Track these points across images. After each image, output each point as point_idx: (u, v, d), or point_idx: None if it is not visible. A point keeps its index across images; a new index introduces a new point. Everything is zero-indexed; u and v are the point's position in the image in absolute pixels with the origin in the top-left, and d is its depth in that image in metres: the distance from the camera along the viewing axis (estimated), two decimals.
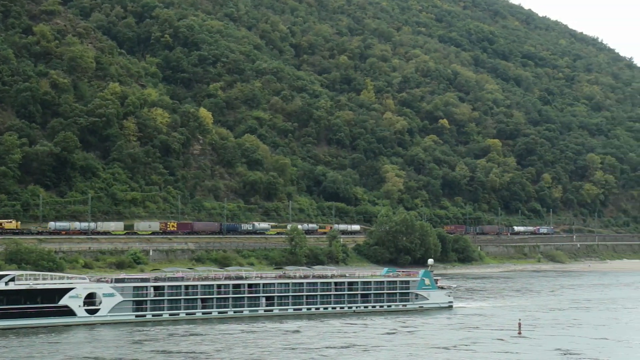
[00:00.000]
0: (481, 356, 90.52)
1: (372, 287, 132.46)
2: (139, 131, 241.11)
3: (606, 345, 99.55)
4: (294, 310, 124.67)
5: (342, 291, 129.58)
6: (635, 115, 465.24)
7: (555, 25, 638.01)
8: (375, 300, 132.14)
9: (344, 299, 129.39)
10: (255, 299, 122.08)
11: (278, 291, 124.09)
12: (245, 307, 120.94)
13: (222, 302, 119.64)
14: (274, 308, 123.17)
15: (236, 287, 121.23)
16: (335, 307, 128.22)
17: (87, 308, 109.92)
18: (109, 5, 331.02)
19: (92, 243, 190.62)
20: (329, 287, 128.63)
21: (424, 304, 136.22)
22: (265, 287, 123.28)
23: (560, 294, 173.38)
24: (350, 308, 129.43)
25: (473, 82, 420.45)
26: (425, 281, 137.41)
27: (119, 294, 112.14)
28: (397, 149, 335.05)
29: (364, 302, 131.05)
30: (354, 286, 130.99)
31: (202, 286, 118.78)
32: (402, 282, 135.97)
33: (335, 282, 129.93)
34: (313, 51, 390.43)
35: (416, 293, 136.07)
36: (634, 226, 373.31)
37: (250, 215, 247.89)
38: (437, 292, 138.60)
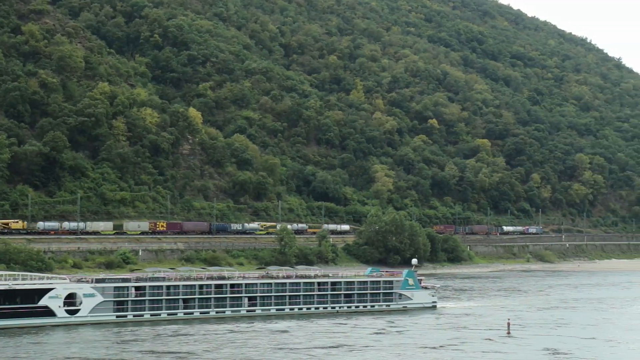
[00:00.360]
0: (470, 356, 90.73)
1: (355, 287, 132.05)
2: (128, 131, 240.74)
3: (595, 345, 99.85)
4: (277, 310, 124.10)
5: (325, 291, 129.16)
6: (623, 116, 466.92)
7: (544, 25, 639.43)
8: (359, 301, 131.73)
9: (327, 299, 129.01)
10: (237, 299, 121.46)
11: (261, 291, 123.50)
12: (228, 307, 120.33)
13: (204, 303, 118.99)
14: (257, 308, 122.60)
15: (218, 287, 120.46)
16: (318, 307, 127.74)
17: (67, 308, 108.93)
18: (98, 5, 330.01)
19: (81, 243, 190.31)
20: (311, 287, 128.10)
21: (408, 304, 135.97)
22: (248, 287, 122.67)
23: (548, 294, 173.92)
24: (333, 308, 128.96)
25: (462, 82, 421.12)
26: (409, 281, 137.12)
27: (100, 295, 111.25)
28: (386, 148, 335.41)
29: (347, 302, 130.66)
30: (337, 286, 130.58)
31: (184, 286, 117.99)
32: (386, 282, 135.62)
33: (319, 282, 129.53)
34: (302, 51, 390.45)
35: (400, 293, 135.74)
36: (623, 226, 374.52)
37: (239, 215, 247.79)
38: (420, 292, 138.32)
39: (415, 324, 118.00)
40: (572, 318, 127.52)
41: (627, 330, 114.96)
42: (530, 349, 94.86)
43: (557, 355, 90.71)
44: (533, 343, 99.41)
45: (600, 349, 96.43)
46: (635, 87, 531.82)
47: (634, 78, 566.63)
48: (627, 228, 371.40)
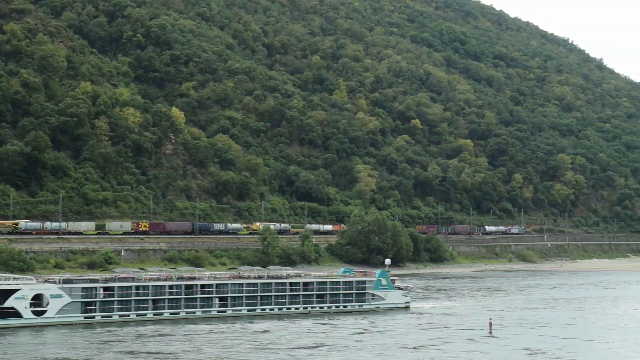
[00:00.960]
0: (451, 356, 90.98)
1: (327, 287, 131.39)
2: (110, 131, 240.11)
3: (575, 344, 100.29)
4: (248, 311, 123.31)
5: (297, 291, 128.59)
6: (605, 116, 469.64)
7: (526, 26, 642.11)
8: (331, 301, 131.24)
9: (299, 299, 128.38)
10: (208, 300, 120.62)
11: (232, 292, 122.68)
12: (198, 307, 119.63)
13: (174, 303, 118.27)
14: (227, 309, 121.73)
15: (188, 287, 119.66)
16: (290, 308, 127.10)
17: (34, 309, 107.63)
18: (81, 4, 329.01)
19: (63, 243, 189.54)
20: (283, 288, 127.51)
21: (381, 304, 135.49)
22: (219, 288, 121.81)
23: (528, 294, 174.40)
24: (305, 309, 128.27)
25: (445, 82, 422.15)
26: (382, 281, 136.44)
27: (67, 295, 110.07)
28: (369, 149, 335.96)
29: (320, 303, 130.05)
30: (309, 286, 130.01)
31: (154, 287, 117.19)
32: (359, 283, 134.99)
33: (290, 282, 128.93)
34: (285, 51, 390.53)
35: (373, 293, 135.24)
36: (604, 226, 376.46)
37: (222, 215, 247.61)
38: (393, 292, 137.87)
39: (395, 324, 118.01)
40: (553, 318, 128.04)
41: (607, 329, 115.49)
42: (511, 349, 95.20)
43: (538, 355, 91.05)
44: (514, 343, 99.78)
45: (581, 349, 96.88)
46: (617, 87, 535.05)
47: (615, 79, 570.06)
48: (608, 228, 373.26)
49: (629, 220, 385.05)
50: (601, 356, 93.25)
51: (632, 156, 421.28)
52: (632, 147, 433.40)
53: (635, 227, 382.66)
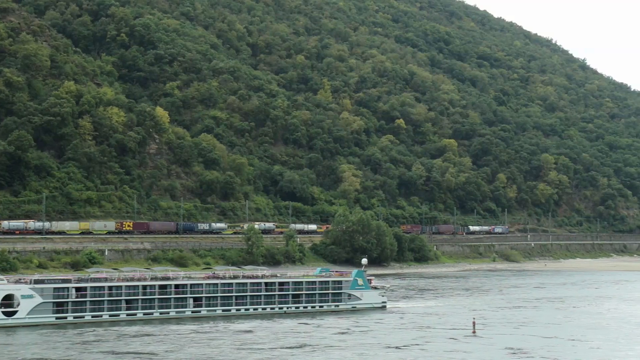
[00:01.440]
0: (433, 356, 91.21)
1: (303, 287, 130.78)
2: (94, 130, 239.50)
3: (557, 344, 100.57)
4: (223, 311, 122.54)
5: (273, 291, 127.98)
6: (588, 116, 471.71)
7: (510, 26, 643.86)
8: (307, 301, 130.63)
9: (275, 299, 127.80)
10: (182, 300, 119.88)
11: (206, 292, 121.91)
12: (172, 308, 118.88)
13: (148, 304, 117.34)
14: (202, 309, 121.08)
15: (162, 287, 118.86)
16: (265, 308, 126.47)
17: (4, 310, 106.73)
18: (64, 3, 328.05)
19: (47, 243, 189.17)
20: (259, 288, 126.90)
21: (357, 304, 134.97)
22: (193, 288, 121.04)
23: (510, 293, 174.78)
24: (281, 309, 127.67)
25: (429, 82, 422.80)
26: (358, 281, 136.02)
27: (39, 296, 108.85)
28: (353, 148, 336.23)
29: (295, 303, 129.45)
30: (285, 286, 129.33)
31: (127, 287, 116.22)
32: (335, 282, 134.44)
33: (266, 282, 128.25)
34: (270, 51, 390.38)
35: (349, 293, 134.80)
36: (587, 226, 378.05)
37: (207, 215, 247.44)
38: (370, 292, 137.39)
39: (377, 324, 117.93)
40: (536, 317, 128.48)
41: (589, 329, 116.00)
42: (495, 348, 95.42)
43: (521, 355, 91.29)
44: (498, 342, 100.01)
45: (563, 348, 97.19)
46: (600, 87, 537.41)
47: (599, 79, 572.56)
48: (591, 228, 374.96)
49: (611, 220, 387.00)
50: (583, 355, 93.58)
51: (615, 156, 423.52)
52: (615, 147, 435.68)
53: (618, 227, 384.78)
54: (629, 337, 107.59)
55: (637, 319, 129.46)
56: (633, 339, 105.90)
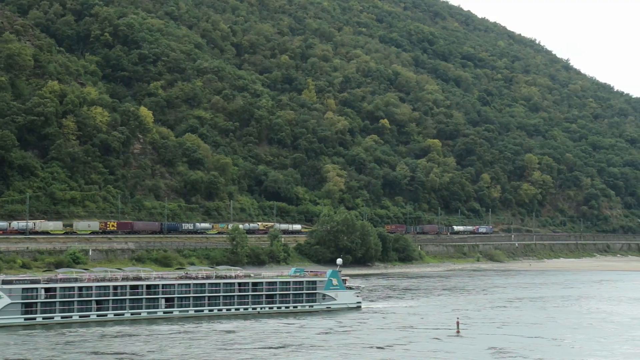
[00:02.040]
0: (416, 357, 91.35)
1: (277, 287, 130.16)
2: (78, 130, 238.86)
3: (541, 344, 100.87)
4: (195, 311, 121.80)
5: (246, 292, 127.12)
6: (571, 116, 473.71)
7: (493, 26, 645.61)
8: (281, 301, 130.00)
9: (248, 299, 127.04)
10: (154, 301, 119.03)
11: (178, 292, 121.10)
12: (143, 308, 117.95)
13: (119, 304, 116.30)
14: (174, 310, 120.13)
15: (133, 288, 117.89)
16: (238, 309, 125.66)
17: None
18: (48, 3, 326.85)
19: (30, 243, 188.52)
20: (232, 288, 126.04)
21: (332, 305, 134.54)
22: (165, 288, 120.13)
23: (493, 293, 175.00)
24: (254, 309, 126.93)
25: (413, 82, 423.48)
26: (333, 281, 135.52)
27: (7, 296, 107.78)
28: (338, 148, 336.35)
29: (269, 303, 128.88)
30: (259, 287, 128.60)
31: (97, 287, 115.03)
32: (309, 283, 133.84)
33: (239, 282, 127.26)
34: (254, 50, 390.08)
35: (323, 293, 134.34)
36: (571, 226, 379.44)
37: (191, 215, 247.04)
38: (345, 292, 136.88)
39: (356, 324, 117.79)
40: (518, 317, 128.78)
41: (571, 328, 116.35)
42: (477, 349, 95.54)
43: (504, 355, 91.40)
44: (481, 342, 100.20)
45: (545, 348, 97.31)
46: (583, 88, 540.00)
47: (582, 79, 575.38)
48: (575, 228, 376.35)
49: (595, 220, 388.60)
50: (565, 355, 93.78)
51: (598, 156, 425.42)
52: (598, 147, 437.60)
53: (602, 227, 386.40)
54: (611, 337, 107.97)
55: (619, 318, 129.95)
56: (614, 339, 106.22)
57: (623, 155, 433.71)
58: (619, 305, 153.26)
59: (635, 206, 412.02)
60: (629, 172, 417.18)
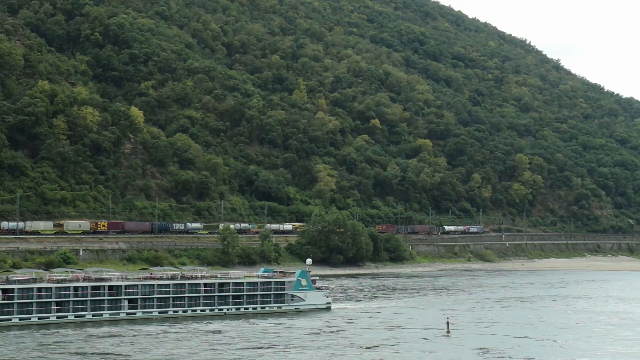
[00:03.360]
0: (404, 357, 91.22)
1: (244, 288, 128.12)
2: (68, 130, 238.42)
3: (529, 344, 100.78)
4: (160, 313, 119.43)
5: (212, 292, 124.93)
6: (562, 116, 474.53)
7: (484, 27, 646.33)
8: (248, 302, 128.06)
9: (214, 300, 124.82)
10: (116, 302, 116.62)
11: (142, 293, 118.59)
12: (105, 310, 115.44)
13: (79, 306, 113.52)
14: (137, 311, 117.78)
15: (95, 289, 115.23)
16: (204, 310, 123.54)
17: None
18: (38, 2, 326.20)
19: (21, 243, 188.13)
20: (197, 289, 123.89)
21: (301, 306, 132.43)
22: (128, 289, 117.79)
23: (479, 293, 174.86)
24: (220, 310, 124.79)
25: (404, 82, 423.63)
26: (302, 282, 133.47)
27: None
28: (329, 148, 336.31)
29: (236, 304, 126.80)
30: (225, 287, 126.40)
31: (57, 288, 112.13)
32: (277, 283, 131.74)
33: (205, 283, 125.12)
34: (245, 50, 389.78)
35: (292, 294, 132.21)
36: (561, 226, 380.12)
37: (182, 215, 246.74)
38: (314, 293, 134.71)
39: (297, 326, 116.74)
40: (507, 317, 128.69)
41: (560, 328, 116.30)
42: (466, 348, 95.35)
43: (492, 355, 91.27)
44: (471, 342, 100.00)
45: (534, 349, 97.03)
46: (574, 88, 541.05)
47: (572, 79, 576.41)
48: (565, 228, 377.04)
49: (585, 220, 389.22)
50: (554, 355, 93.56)
51: (589, 156, 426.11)
52: (589, 147, 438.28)
53: (592, 227, 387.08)
54: (600, 337, 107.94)
55: (609, 318, 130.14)
56: (604, 339, 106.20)
57: (613, 156, 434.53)
58: (609, 304, 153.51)
59: (625, 206, 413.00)
60: (619, 172, 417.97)
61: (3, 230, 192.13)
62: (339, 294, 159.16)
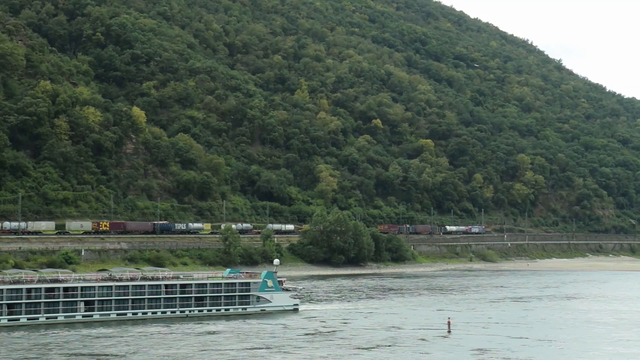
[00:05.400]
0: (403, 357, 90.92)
1: (207, 289, 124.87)
2: (70, 130, 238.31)
3: (528, 344, 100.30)
4: (118, 315, 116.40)
5: (174, 294, 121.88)
6: (564, 117, 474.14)
7: (486, 27, 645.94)
8: (211, 304, 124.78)
9: (176, 302, 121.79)
10: (72, 304, 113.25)
11: (99, 295, 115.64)
12: (60, 312, 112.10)
13: (33, 308, 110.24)
14: (94, 313, 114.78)
15: (49, 290, 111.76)
16: (165, 312, 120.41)
17: None
18: (40, 2, 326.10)
19: (23, 243, 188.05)
20: (158, 290, 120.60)
21: (267, 307, 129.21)
22: (84, 291, 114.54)
23: (476, 292, 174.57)
24: (182, 312, 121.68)
25: (406, 82, 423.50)
26: (268, 283, 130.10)
27: None
28: (331, 148, 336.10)
29: (199, 306, 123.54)
30: (187, 289, 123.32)
31: (9, 290, 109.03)
32: (242, 284, 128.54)
33: (166, 284, 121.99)
34: (247, 50, 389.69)
35: (257, 296, 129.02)
36: (563, 226, 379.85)
37: (184, 215, 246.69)
38: (280, 294, 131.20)
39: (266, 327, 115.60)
40: (505, 317, 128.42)
41: (559, 329, 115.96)
42: (464, 349, 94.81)
43: (490, 355, 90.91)
44: (471, 342, 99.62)
45: (534, 349, 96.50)
46: (575, 88, 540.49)
47: (574, 79, 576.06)
48: (567, 228, 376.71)
49: (587, 220, 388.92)
50: (553, 356, 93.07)
51: (591, 156, 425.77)
52: (591, 147, 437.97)
53: (594, 227, 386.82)
54: (599, 337, 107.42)
55: (607, 318, 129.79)
56: (601, 339, 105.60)
57: (615, 156, 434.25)
58: (610, 305, 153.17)
59: (627, 206, 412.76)
60: (621, 172, 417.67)
61: (5, 230, 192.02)
62: (331, 295, 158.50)
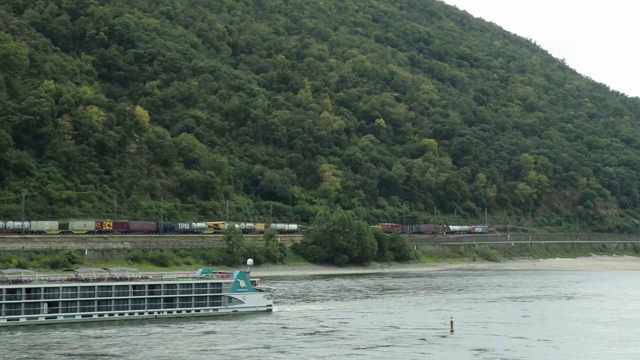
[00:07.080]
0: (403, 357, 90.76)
1: (177, 290, 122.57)
2: (74, 129, 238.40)
3: (527, 344, 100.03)
4: (83, 317, 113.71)
5: (142, 295, 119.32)
6: (567, 116, 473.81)
7: (489, 26, 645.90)
8: (181, 305, 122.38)
9: (144, 303, 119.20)
10: (34, 305, 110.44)
11: (63, 296, 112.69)
12: (22, 314, 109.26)
13: None
14: (58, 315, 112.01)
15: (11, 291, 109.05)
16: (133, 313, 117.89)
17: None
18: (43, 2, 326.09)
19: (26, 242, 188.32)
20: (125, 291, 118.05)
21: (239, 308, 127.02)
22: (48, 292, 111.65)
23: (473, 292, 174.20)
24: (151, 313, 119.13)
25: (409, 82, 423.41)
26: (240, 283, 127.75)
27: None
28: (334, 148, 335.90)
29: (168, 307, 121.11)
30: (156, 289, 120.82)
31: None
32: (213, 285, 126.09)
33: (134, 285, 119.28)
34: (250, 50, 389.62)
35: (229, 296, 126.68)
36: (566, 225, 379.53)
37: (187, 215, 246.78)
38: (253, 295, 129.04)
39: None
40: (503, 317, 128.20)
41: (559, 328, 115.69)
42: (466, 349, 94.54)
43: (490, 355, 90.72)
44: (474, 342, 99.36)
45: (533, 350, 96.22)
46: (579, 88, 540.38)
47: (577, 79, 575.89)
48: (570, 227, 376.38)
49: (590, 219, 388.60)
50: (552, 356, 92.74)
51: (594, 156, 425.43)
52: (594, 146, 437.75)
53: (597, 227, 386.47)
54: (600, 337, 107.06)
55: (609, 317, 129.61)
56: (602, 339, 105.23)
57: (619, 155, 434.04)
58: (612, 304, 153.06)
59: (630, 206, 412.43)
60: (624, 172, 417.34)
61: (8, 230, 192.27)
62: (323, 295, 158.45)
